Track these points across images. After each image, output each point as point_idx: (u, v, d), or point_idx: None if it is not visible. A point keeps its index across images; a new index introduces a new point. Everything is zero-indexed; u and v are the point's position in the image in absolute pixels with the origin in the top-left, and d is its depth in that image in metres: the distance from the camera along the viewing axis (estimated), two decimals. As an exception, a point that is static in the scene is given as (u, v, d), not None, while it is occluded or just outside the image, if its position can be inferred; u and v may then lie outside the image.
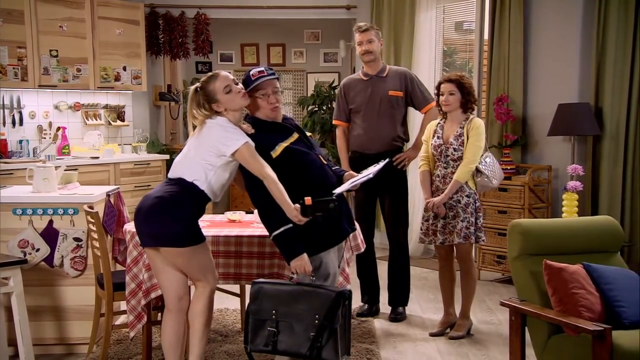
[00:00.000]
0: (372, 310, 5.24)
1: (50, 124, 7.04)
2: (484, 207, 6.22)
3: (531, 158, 6.38)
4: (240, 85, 3.53)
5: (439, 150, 4.61)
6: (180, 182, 3.47)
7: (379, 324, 5.07)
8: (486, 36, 6.67)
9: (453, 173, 4.54)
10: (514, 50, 6.31)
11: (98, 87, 7.18)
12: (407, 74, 5.18)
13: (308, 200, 3.26)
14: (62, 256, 4.47)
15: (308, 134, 3.79)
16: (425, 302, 5.61)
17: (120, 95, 7.66)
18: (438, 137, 4.63)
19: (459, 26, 7.27)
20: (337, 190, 3.47)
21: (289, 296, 3.28)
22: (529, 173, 6.02)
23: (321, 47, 10.11)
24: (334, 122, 5.36)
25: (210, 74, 3.58)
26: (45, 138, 6.91)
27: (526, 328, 3.45)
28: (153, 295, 3.93)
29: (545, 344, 3.41)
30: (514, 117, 6.26)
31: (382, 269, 5.33)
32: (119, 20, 7.27)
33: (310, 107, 8.59)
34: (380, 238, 6.63)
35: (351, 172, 3.79)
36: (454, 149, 4.55)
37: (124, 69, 7.33)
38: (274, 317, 3.26)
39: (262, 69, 3.62)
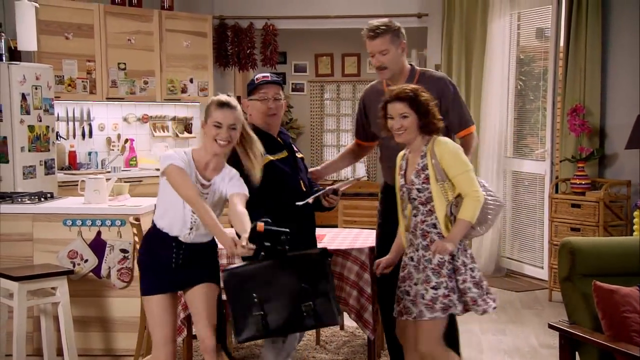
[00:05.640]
0: None
1: (118, 136, 7.17)
2: (555, 223, 5.88)
3: (609, 172, 5.98)
4: (235, 135, 3.17)
5: (403, 193, 3.38)
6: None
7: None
8: (562, 43, 6.33)
9: (424, 222, 3.29)
10: (591, 58, 5.95)
11: (165, 99, 7.27)
12: (444, 85, 3.84)
13: (260, 226, 2.93)
14: (109, 267, 4.49)
15: (299, 155, 3.62)
16: (486, 323, 5.30)
17: (188, 107, 7.72)
18: (401, 175, 3.39)
19: (540, 33, 6.93)
20: (300, 203, 3.32)
21: (266, 273, 3.06)
22: (604, 188, 5.64)
23: (397, 57, 9.91)
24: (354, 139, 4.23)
25: (227, 100, 3.18)
26: (113, 150, 7.04)
27: (577, 353, 3.23)
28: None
29: (596, 372, 3.14)
30: (590, 129, 5.88)
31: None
32: (187, 33, 7.33)
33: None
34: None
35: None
36: (418, 190, 3.28)
37: (191, 80, 7.39)
38: (256, 300, 3.04)
39: (267, 74, 3.49)
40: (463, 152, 3.32)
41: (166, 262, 3.24)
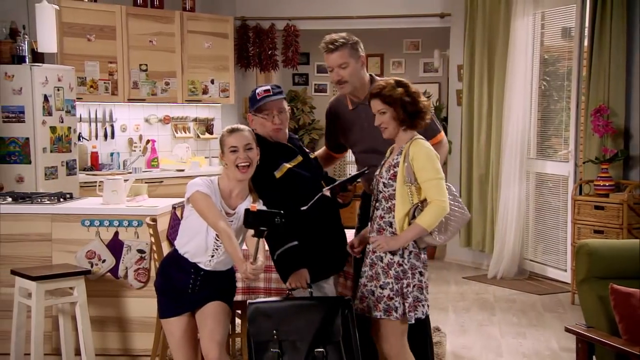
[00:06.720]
0: None
1: (140, 137, 7.22)
2: (578, 225, 5.79)
3: (634, 174, 5.87)
4: (254, 155, 3.23)
5: (375, 183, 3.37)
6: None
7: (450, 346, 4.78)
8: (586, 43, 6.23)
9: (382, 218, 3.27)
10: (615, 58, 5.85)
11: (186, 101, 7.30)
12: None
13: (253, 207, 3.00)
14: (127, 267, 4.51)
15: (312, 155, 3.59)
16: (506, 326, 5.25)
17: (209, 108, 7.75)
18: (380, 166, 3.38)
19: (565, 33, 6.83)
20: (304, 208, 3.25)
21: (288, 313, 3.11)
22: (628, 190, 5.54)
23: (421, 57, 9.86)
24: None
25: (237, 126, 3.33)
26: (135, 151, 7.09)
27: (594, 357, 3.19)
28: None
29: (613, 377, 3.09)
30: (614, 130, 5.78)
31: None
32: (208, 34, 7.35)
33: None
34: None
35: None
36: (384, 184, 3.25)
37: (212, 82, 7.41)
38: (275, 337, 3.09)
39: (268, 87, 3.43)
40: (439, 159, 3.24)
41: (183, 287, 3.30)
